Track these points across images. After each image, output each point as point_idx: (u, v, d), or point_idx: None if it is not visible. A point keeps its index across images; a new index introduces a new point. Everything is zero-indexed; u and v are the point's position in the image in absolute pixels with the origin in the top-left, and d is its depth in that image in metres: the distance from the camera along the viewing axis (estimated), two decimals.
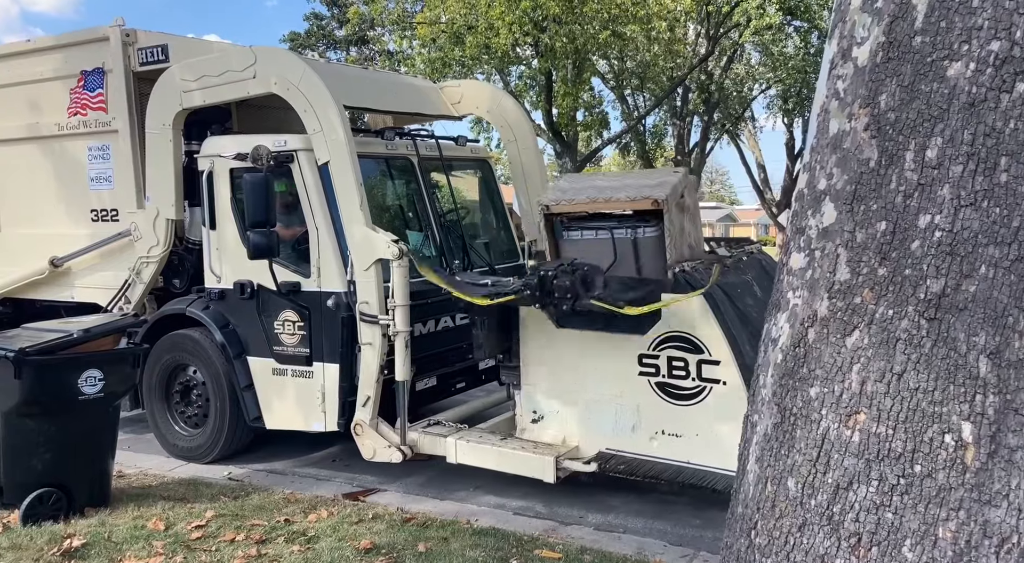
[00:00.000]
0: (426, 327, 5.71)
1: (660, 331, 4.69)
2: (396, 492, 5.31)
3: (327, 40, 31.81)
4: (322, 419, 5.35)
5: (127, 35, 5.98)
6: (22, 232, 6.82)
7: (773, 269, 5.69)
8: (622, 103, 26.32)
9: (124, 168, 6.08)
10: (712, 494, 4.70)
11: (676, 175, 4.89)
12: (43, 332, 4.82)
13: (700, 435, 4.64)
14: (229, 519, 4.61)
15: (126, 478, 5.45)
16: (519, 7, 17.75)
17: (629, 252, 4.83)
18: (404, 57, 22.74)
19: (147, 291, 6.04)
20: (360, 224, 5.00)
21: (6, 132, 6.78)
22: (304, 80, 5.10)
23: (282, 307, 5.38)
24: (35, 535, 4.30)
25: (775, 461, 2.19)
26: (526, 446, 5.06)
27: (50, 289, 6.63)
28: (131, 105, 6.00)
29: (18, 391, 4.47)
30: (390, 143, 5.88)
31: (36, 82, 6.51)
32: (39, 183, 6.65)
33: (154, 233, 5.84)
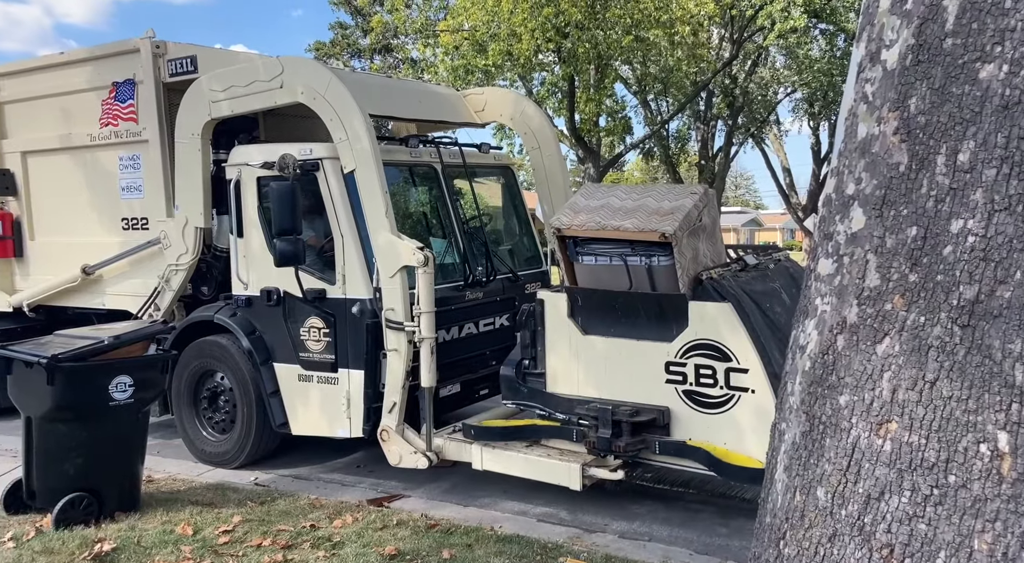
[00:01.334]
0: (450, 333, 5.72)
1: (687, 339, 4.65)
2: (420, 498, 5.32)
3: (351, 49, 32.10)
4: (347, 425, 5.37)
5: (157, 47, 6.08)
6: (55, 241, 6.95)
7: (801, 276, 5.63)
8: (645, 108, 26.24)
9: (154, 177, 6.17)
10: (740, 503, 4.65)
11: (693, 197, 4.81)
12: (74, 339, 4.89)
13: (728, 444, 4.59)
14: (256, 524, 4.65)
15: (155, 483, 5.52)
16: (541, 14, 17.78)
17: (644, 278, 4.79)
18: (427, 65, 22.85)
19: (176, 298, 6.11)
20: (386, 231, 5.02)
21: (41, 143, 6.92)
22: (330, 89, 5.14)
23: (308, 314, 5.42)
24: (67, 539, 4.36)
25: (804, 470, 2.16)
26: (552, 453, 5.05)
27: (82, 296, 6.73)
28: (161, 115, 6.09)
29: (51, 397, 4.54)
30: (414, 151, 5.91)
31: (69, 94, 6.63)
32: (72, 192, 6.77)
33: (183, 241, 5.91)
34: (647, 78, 24.81)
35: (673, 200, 4.84)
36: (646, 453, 4.80)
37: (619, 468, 4.79)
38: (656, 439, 4.75)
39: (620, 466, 4.80)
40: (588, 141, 22.78)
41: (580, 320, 5.03)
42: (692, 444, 4.64)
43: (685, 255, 4.69)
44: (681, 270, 4.67)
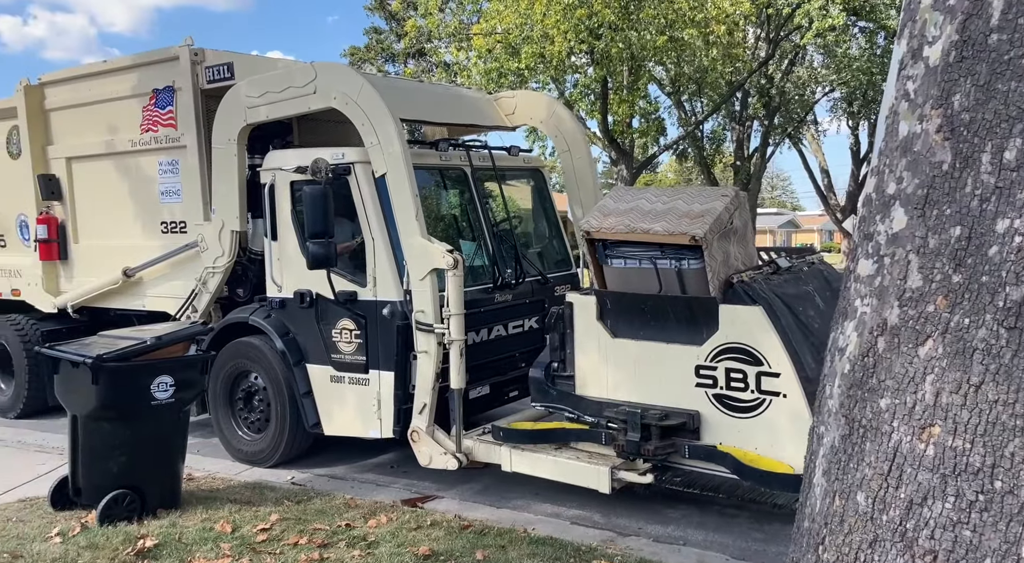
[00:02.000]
0: (479, 336, 5.72)
1: (718, 342, 4.60)
2: (453, 499, 5.34)
3: (385, 53, 32.34)
4: (378, 426, 5.40)
5: (195, 54, 6.18)
6: (98, 244, 7.11)
7: (835, 279, 5.51)
8: (679, 109, 26.01)
9: (192, 182, 6.27)
10: (773, 508, 4.56)
11: (724, 199, 4.76)
12: (117, 339, 4.98)
13: (759, 449, 4.51)
14: (292, 523, 4.71)
15: (195, 481, 5.61)
16: (574, 15, 17.70)
17: (674, 281, 4.75)
18: (460, 68, 22.92)
19: (213, 300, 6.21)
20: (416, 234, 5.04)
21: (85, 149, 7.08)
22: (362, 94, 5.17)
23: (340, 316, 5.46)
24: (111, 535, 4.46)
25: (843, 474, 2.12)
26: (581, 456, 5.02)
27: (123, 298, 6.87)
28: (199, 121, 6.19)
29: (95, 396, 4.63)
30: (444, 154, 5.92)
31: (111, 101, 6.79)
32: (114, 197, 6.92)
33: (219, 244, 6.00)
34: (681, 78, 24.60)
35: (704, 203, 4.78)
36: (675, 457, 4.75)
37: (648, 472, 4.74)
38: (686, 443, 4.70)
39: (649, 470, 4.75)
40: (621, 143, 22.64)
41: (609, 323, 4.99)
42: (722, 449, 4.57)
43: (715, 258, 4.63)
44: (711, 273, 4.61)
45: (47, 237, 7.18)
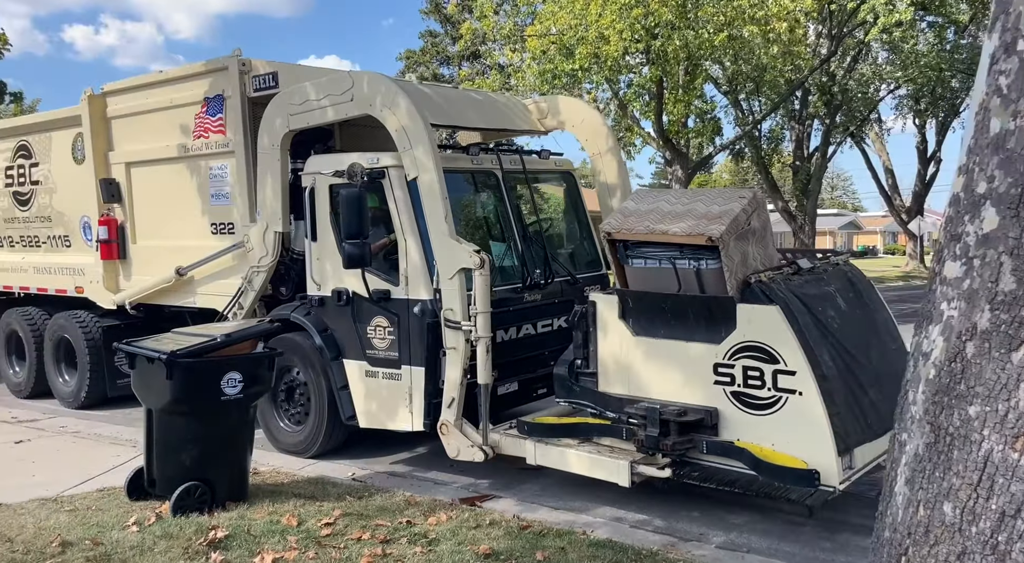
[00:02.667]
0: (508, 334, 6.01)
1: (735, 341, 4.78)
2: (511, 499, 5.43)
3: (440, 56, 32.94)
4: (409, 419, 5.74)
5: (243, 64, 6.65)
6: (154, 244, 7.67)
7: (859, 281, 5.64)
8: (736, 108, 25.86)
9: (240, 185, 6.74)
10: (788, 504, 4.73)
11: (741, 201, 4.94)
12: (189, 336, 5.21)
13: (776, 445, 4.68)
14: (355, 518, 4.86)
15: (260, 475, 5.80)
16: (630, 15, 17.74)
17: (693, 281, 4.95)
18: (514, 70, 23.22)
19: (257, 298, 6.65)
20: (445, 235, 5.36)
21: (142, 154, 7.65)
22: (395, 101, 5.54)
23: (374, 313, 5.82)
24: (184, 525, 4.68)
25: (928, 484, 2.08)
26: (602, 450, 5.25)
27: (176, 295, 7.40)
28: (246, 128, 6.65)
29: (169, 391, 4.85)
30: (475, 158, 6.24)
31: (167, 109, 7.31)
32: (168, 200, 7.45)
33: (263, 244, 6.44)
34: (739, 77, 24.46)
35: (722, 204, 4.98)
36: (694, 453, 4.95)
37: (667, 466, 4.95)
38: (704, 439, 4.90)
39: (668, 465, 4.96)
40: (676, 143, 22.63)
41: (631, 322, 5.23)
42: (739, 445, 4.76)
43: (733, 258, 4.83)
44: (729, 273, 4.81)
45: (107, 238, 7.77)
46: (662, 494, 5.33)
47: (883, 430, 5.00)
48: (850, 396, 4.82)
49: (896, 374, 5.39)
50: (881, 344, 5.40)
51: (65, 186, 8.40)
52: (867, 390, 4.97)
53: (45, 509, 5.08)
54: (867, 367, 5.07)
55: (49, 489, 5.53)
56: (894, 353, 5.46)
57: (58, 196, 8.55)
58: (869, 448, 4.83)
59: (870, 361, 5.14)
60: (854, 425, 4.75)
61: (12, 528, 4.71)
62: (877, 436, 4.93)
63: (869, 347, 5.23)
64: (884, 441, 4.99)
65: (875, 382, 5.08)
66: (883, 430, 5.00)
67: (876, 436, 4.92)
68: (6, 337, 9.19)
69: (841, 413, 4.65)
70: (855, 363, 4.96)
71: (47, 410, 8.28)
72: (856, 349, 5.04)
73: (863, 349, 5.14)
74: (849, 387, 4.84)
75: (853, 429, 4.73)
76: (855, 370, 4.94)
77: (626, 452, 5.16)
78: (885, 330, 5.52)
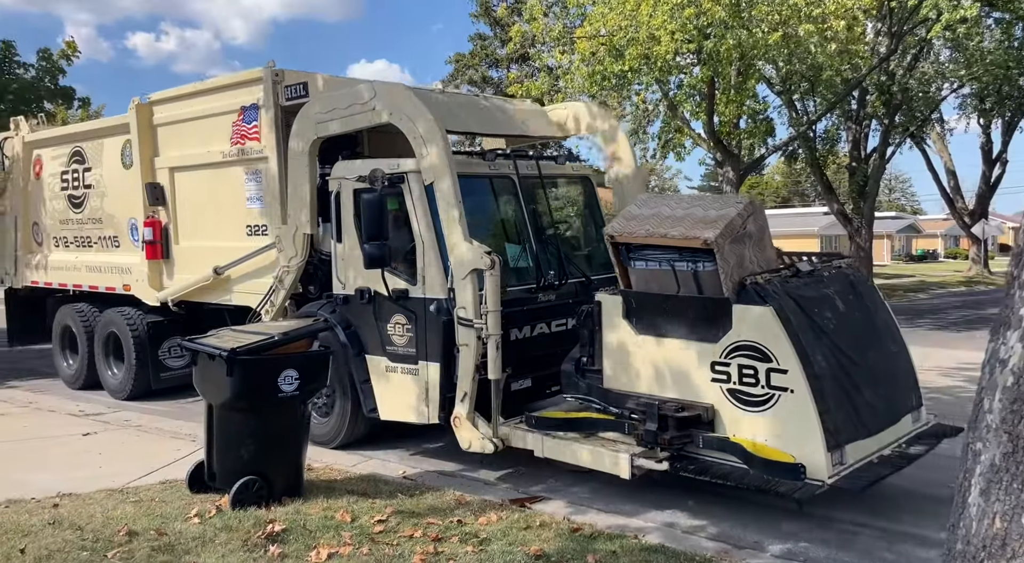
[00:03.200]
0: (522, 332, 6.36)
1: (731, 340, 5.06)
2: (560, 501, 5.58)
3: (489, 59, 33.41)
4: (426, 412, 6.13)
5: (276, 75, 7.16)
6: (194, 245, 8.26)
7: (861, 283, 5.83)
8: (790, 108, 25.65)
9: (272, 189, 7.25)
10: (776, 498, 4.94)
11: (737, 207, 5.22)
12: (248, 334, 5.41)
13: (768, 440, 4.94)
14: (407, 516, 5.04)
15: (314, 471, 6.04)
16: (682, 15, 17.75)
17: (691, 283, 5.24)
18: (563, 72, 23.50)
19: (287, 296, 7.14)
20: (459, 237, 5.74)
21: (184, 160, 8.24)
22: (412, 110, 5.95)
23: (394, 311, 6.23)
24: (243, 518, 4.90)
25: (1005, 495, 2.05)
26: (605, 444, 5.56)
27: (214, 293, 7.97)
28: (279, 135, 7.15)
29: (229, 387, 5.05)
30: (492, 164, 6.61)
31: (207, 117, 7.88)
32: (208, 203, 8.03)
33: (293, 245, 6.92)
34: (793, 77, 24.28)
35: (719, 210, 5.26)
36: (691, 447, 5.22)
37: (665, 460, 5.23)
38: (701, 434, 5.17)
39: (666, 458, 5.24)
40: (727, 144, 22.61)
41: (634, 321, 5.54)
42: (734, 440, 5.02)
43: (728, 261, 5.09)
44: (724, 275, 5.08)
45: (152, 239, 8.39)
46: (713, 499, 5.43)
47: (877, 428, 5.21)
48: (843, 395, 5.04)
49: (894, 374, 5.61)
50: (880, 345, 5.59)
51: (115, 190, 9.08)
52: (862, 389, 5.18)
53: (112, 500, 5.42)
54: (863, 367, 5.27)
55: (115, 480, 5.92)
56: (894, 354, 5.65)
57: (108, 199, 9.23)
58: (862, 445, 5.04)
59: (867, 362, 5.34)
60: (846, 423, 4.97)
61: (82, 517, 5.02)
62: (871, 434, 5.14)
63: (867, 348, 5.43)
64: (878, 439, 5.20)
65: (871, 382, 5.28)
66: (877, 428, 5.21)
67: (870, 434, 5.13)
68: (61, 332, 9.95)
69: (832, 411, 4.87)
70: (850, 363, 5.17)
71: (111, 404, 8.83)
72: (852, 350, 5.25)
73: (860, 350, 5.34)
74: (842, 386, 5.06)
75: (845, 426, 4.95)
76: (849, 370, 5.15)
77: (627, 446, 5.46)
78: (886, 332, 5.70)
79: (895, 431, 5.37)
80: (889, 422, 5.33)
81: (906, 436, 5.43)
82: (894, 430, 5.37)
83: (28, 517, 5.04)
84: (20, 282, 10.76)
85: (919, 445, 5.40)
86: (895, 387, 5.55)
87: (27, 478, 6.07)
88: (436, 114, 5.98)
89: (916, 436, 5.50)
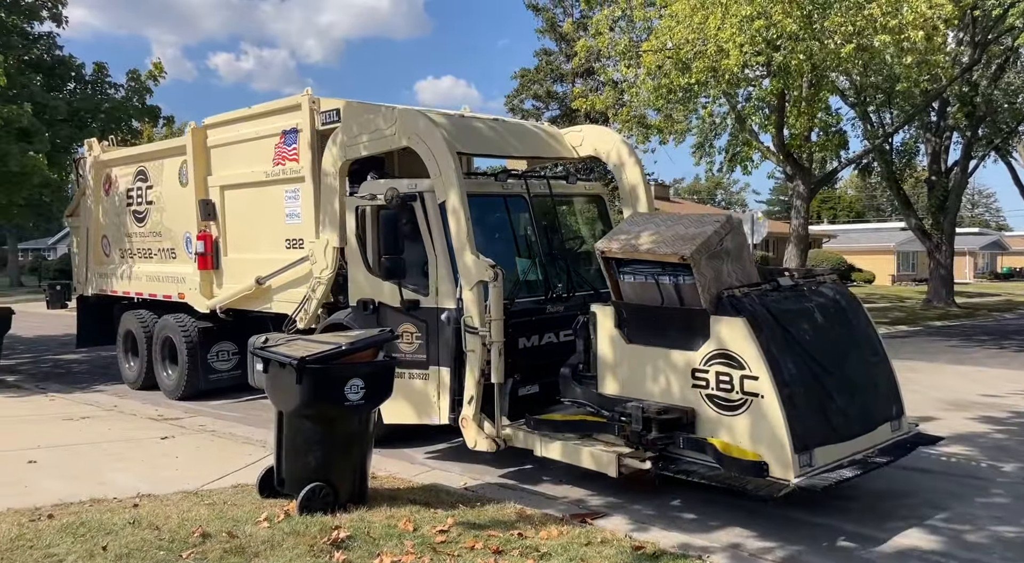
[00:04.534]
0: (530, 341, 7.02)
1: (709, 348, 5.62)
2: (622, 518, 5.71)
3: (554, 74, 34.23)
4: (438, 414, 6.84)
5: (313, 102, 8.08)
6: (240, 257, 9.26)
7: (845, 299, 6.28)
8: (864, 121, 25.53)
9: (308, 206, 8.15)
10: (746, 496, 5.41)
11: (715, 225, 5.80)
12: (318, 343, 5.65)
13: (741, 442, 5.45)
14: (467, 527, 5.20)
15: (377, 480, 6.30)
16: (751, 27, 17.93)
17: (673, 295, 5.83)
18: (628, 86, 23.98)
19: (319, 305, 7.99)
20: (467, 252, 6.44)
21: (233, 179, 9.27)
22: (426, 133, 6.72)
23: (400, 320, 6.96)
24: (309, 524, 5.14)
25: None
26: (598, 445, 6.15)
27: (256, 302, 8.93)
28: (315, 156, 8.06)
29: (298, 394, 5.31)
30: (505, 184, 7.32)
31: (252, 140, 8.89)
32: (252, 218, 9.02)
33: (324, 258, 7.78)
34: (868, 89, 24.22)
35: (698, 227, 5.85)
36: (673, 448, 5.78)
37: (649, 460, 5.78)
38: (681, 436, 5.73)
39: (651, 458, 5.78)
40: (798, 157, 22.68)
41: (625, 330, 6.15)
42: (709, 441, 5.56)
43: (705, 275, 5.67)
44: (702, 288, 5.65)
45: (204, 251, 9.44)
46: (782, 521, 5.60)
47: (850, 434, 5.67)
48: (814, 401, 5.52)
49: (873, 384, 6.07)
50: (859, 354, 6.04)
51: (172, 206, 10.21)
52: (835, 397, 5.66)
53: (187, 501, 5.80)
54: (838, 376, 5.75)
55: (191, 483, 6.36)
56: (873, 366, 6.09)
57: (167, 214, 10.38)
58: (833, 449, 5.50)
59: (843, 371, 5.82)
60: (816, 427, 5.45)
61: (159, 517, 5.38)
62: (843, 439, 5.60)
63: (844, 357, 5.90)
64: (851, 445, 5.65)
65: (846, 390, 5.75)
66: (850, 434, 5.67)
67: (842, 439, 5.59)
68: (124, 336, 11.16)
69: (802, 416, 5.36)
70: (823, 372, 5.66)
71: (188, 409, 9.57)
72: (827, 359, 5.73)
73: (837, 360, 5.82)
74: (814, 393, 5.55)
75: (815, 431, 5.43)
76: (823, 378, 5.64)
77: (618, 447, 6.04)
78: (866, 342, 6.15)
79: (871, 438, 5.81)
80: (864, 429, 5.77)
81: (883, 443, 5.85)
82: (870, 437, 5.80)
83: (110, 516, 5.43)
84: (90, 290, 12.10)
85: (895, 453, 5.81)
86: (873, 396, 5.99)
87: (110, 478, 6.64)
88: (450, 137, 6.73)
89: (894, 444, 5.91)
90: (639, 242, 5.96)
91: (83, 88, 15.69)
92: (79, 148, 13.09)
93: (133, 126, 17.07)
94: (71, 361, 14.60)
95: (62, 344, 16.55)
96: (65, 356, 15.21)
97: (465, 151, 7.22)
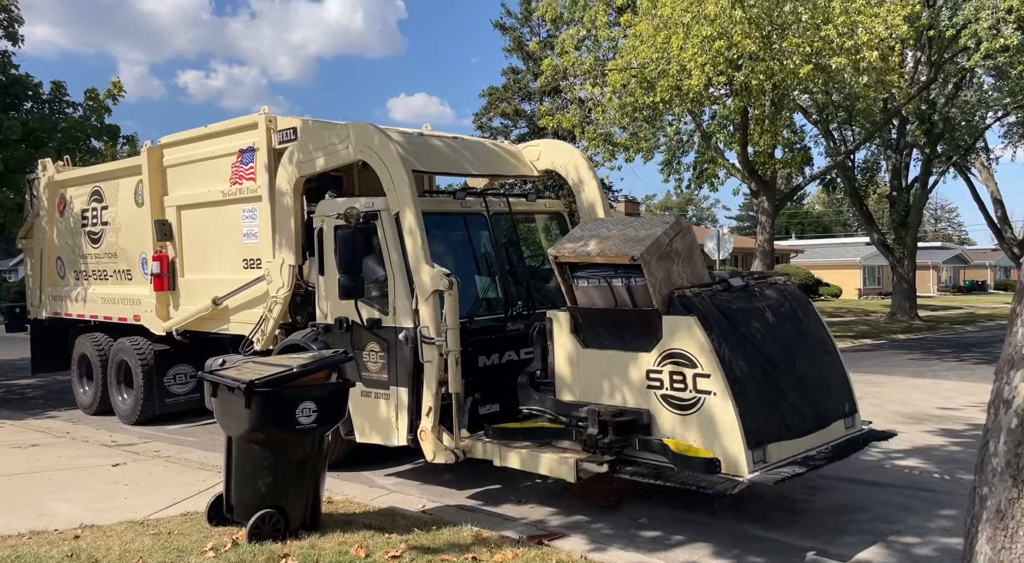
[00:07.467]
0: (490, 359, 7.03)
1: (662, 348, 5.69)
2: (580, 538, 5.70)
3: (522, 92, 34.49)
4: (396, 435, 6.81)
5: (270, 121, 8.10)
6: (197, 278, 9.21)
7: (795, 299, 6.39)
8: (827, 138, 26.01)
9: (265, 225, 8.14)
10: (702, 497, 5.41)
11: (664, 226, 5.91)
12: (268, 366, 5.58)
13: (695, 441, 5.50)
14: (421, 552, 5.14)
15: (334, 504, 6.27)
16: (712, 47, 18.25)
17: (626, 297, 5.91)
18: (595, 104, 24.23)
19: (276, 325, 7.97)
20: (421, 261, 6.46)
21: (189, 199, 9.24)
22: (379, 147, 6.77)
23: (368, 339, 6.96)
24: (257, 552, 4.99)
25: (1012, 543, 2.03)
26: (556, 451, 6.17)
27: (213, 322, 8.86)
28: (271, 175, 8.06)
29: (247, 419, 5.22)
30: (464, 202, 7.35)
31: (209, 159, 8.88)
32: (209, 238, 8.99)
33: (280, 277, 7.77)
34: (829, 106, 24.69)
35: (648, 230, 5.94)
36: (629, 450, 5.80)
37: (606, 463, 5.80)
38: (637, 437, 5.76)
39: (608, 461, 5.80)
40: (762, 174, 23.00)
41: (581, 335, 6.21)
42: (664, 442, 5.59)
43: (656, 276, 5.74)
44: (653, 289, 5.72)
45: (159, 272, 9.38)
46: (740, 536, 5.66)
47: (803, 430, 5.77)
48: (766, 398, 5.62)
49: (826, 382, 6.12)
50: (810, 353, 6.16)
51: (128, 226, 10.14)
52: (787, 394, 5.77)
53: (132, 531, 5.64)
54: (789, 374, 5.87)
55: (138, 512, 6.21)
56: (825, 364, 6.22)
57: (122, 235, 10.31)
58: (787, 445, 5.60)
59: (795, 369, 5.94)
60: (769, 424, 5.53)
61: (100, 550, 5.20)
62: (796, 435, 5.70)
63: (796, 356, 6.02)
64: (804, 441, 5.73)
65: (798, 388, 5.86)
66: (803, 430, 5.77)
67: (796, 435, 5.69)
68: (79, 360, 11.01)
69: (754, 412, 5.44)
70: (775, 369, 5.77)
71: (144, 435, 9.43)
72: (779, 357, 5.84)
73: (788, 358, 5.94)
74: (766, 390, 5.64)
75: (768, 427, 5.51)
76: (774, 376, 5.75)
77: (575, 452, 6.05)
78: (817, 341, 6.30)
79: (825, 435, 5.90)
80: (817, 426, 5.86)
81: (836, 440, 5.95)
82: (824, 434, 5.90)
83: (48, 548, 5.23)
84: (44, 313, 11.92)
85: (847, 448, 5.90)
86: (825, 394, 6.10)
87: (54, 508, 6.52)
88: (406, 154, 6.76)
89: (847, 441, 6.00)
90: (590, 246, 6.03)
91: (40, 108, 15.50)
92: (34, 169, 12.93)
93: (93, 146, 16.87)
94: (25, 386, 14.40)
95: (17, 369, 16.28)
96: (20, 381, 14.99)
97: (422, 169, 7.27)
